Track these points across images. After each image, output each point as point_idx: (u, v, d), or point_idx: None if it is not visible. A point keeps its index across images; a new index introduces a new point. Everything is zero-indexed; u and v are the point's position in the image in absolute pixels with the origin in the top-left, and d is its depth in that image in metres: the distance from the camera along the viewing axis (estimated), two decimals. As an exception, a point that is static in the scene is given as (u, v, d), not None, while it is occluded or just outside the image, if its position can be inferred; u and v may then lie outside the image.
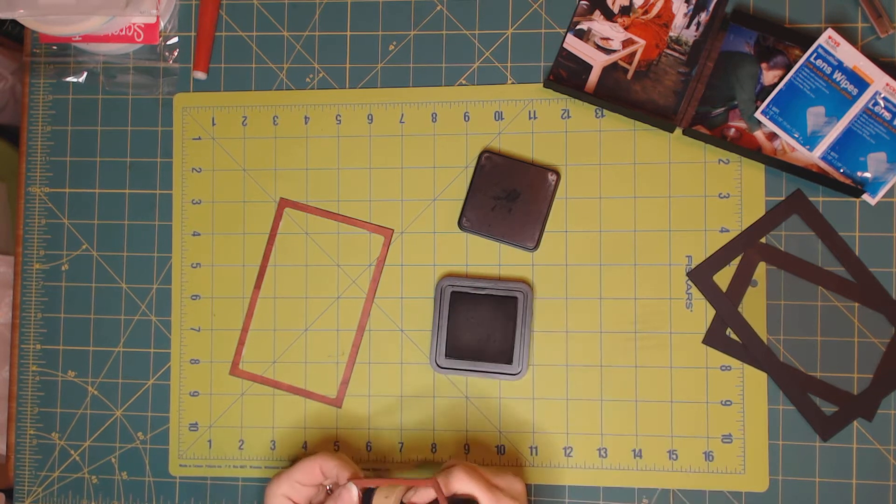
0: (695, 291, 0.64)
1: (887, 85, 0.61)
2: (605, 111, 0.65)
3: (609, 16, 0.65)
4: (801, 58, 0.62)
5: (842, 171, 0.62)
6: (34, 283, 0.70)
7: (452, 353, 0.64)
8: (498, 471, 0.58)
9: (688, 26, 0.64)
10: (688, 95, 0.64)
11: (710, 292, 0.64)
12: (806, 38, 0.62)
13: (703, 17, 0.64)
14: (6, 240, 0.90)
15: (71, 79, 0.70)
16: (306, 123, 0.68)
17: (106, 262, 0.69)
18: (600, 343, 0.64)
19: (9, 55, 0.97)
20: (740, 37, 0.63)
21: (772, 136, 0.63)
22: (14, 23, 1.01)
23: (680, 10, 0.64)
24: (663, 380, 0.64)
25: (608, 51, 0.65)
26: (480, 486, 0.54)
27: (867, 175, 0.62)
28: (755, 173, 0.64)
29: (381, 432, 0.66)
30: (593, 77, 0.65)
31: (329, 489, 0.58)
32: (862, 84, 0.61)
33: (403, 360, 0.66)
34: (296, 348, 0.67)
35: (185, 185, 0.69)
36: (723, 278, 0.64)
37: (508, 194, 0.64)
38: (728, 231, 0.64)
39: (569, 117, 0.66)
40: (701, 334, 0.64)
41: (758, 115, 0.63)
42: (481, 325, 0.64)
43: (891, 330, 0.62)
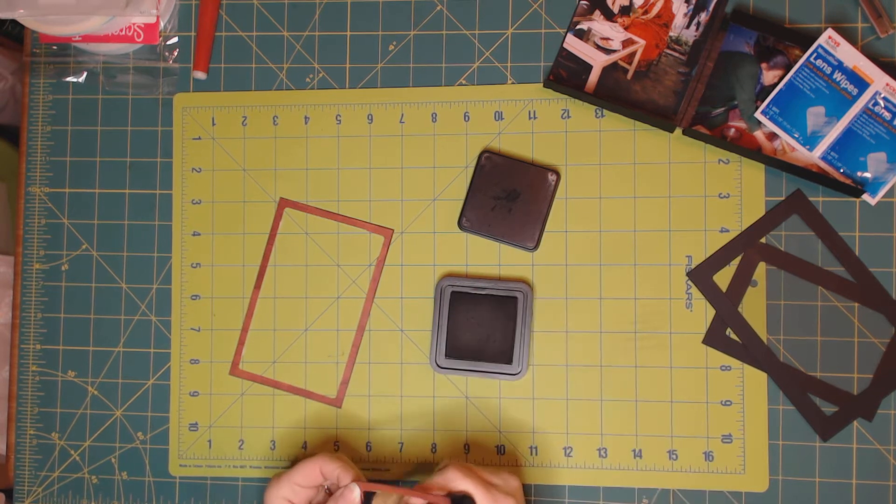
0: (695, 291, 0.64)
1: (887, 85, 0.61)
2: (605, 111, 0.65)
3: (609, 16, 0.65)
4: (801, 58, 0.62)
5: (842, 171, 0.62)
6: (34, 283, 0.69)
7: (452, 353, 0.64)
8: (494, 469, 0.58)
9: (688, 26, 0.64)
10: (688, 95, 0.64)
11: (710, 292, 0.64)
12: (806, 38, 0.62)
13: (703, 17, 0.64)
14: (6, 240, 0.90)
15: (71, 79, 0.70)
16: (306, 123, 0.68)
17: (106, 262, 0.69)
18: (600, 343, 0.64)
19: (9, 55, 0.97)
20: (740, 37, 0.63)
21: (772, 136, 0.63)
22: (14, 23, 1.01)
23: (680, 10, 0.64)
24: (663, 380, 0.64)
25: (608, 51, 0.65)
26: (476, 483, 0.54)
27: (867, 175, 0.62)
28: (755, 173, 0.64)
29: (381, 432, 0.66)
30: (593, 77, 0.65)
31: (328, 490, 0.58)
32: (862, 84, 0.61)
33: (403, 360, 0.66)
34: (296, 348, 0.67)
35: (185, 185, 0.69)
36: (723, 278, 0.64)
37: (508, 194, 0.64)
38: (728, 231, 0.64)
39: (569, 117, 0.66)
40: (701, 334, 0.64)
41: (758, 115, 0.63)
42: (481, 325, 0.64)
43: (891, 330, 0.62)
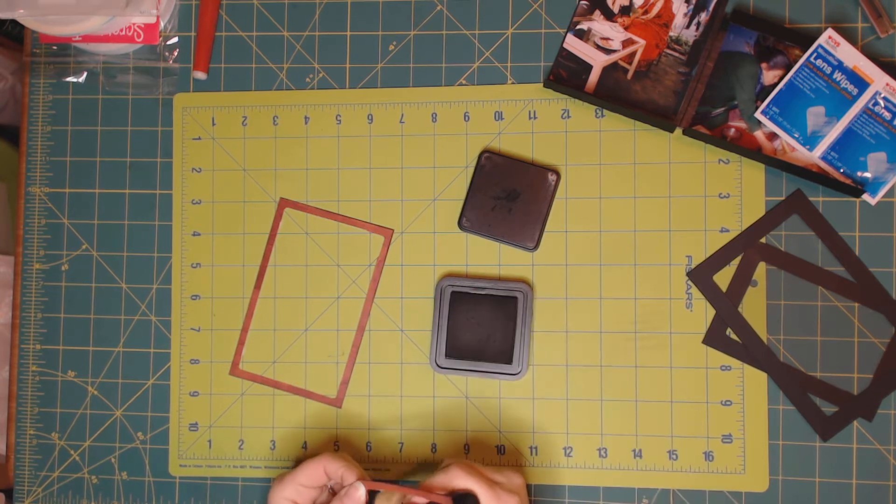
0: (695, 291, 0.64)
1: (887, 85, 0.61)
2: (605, 111, 0.65)
3: (609, 16, 0.65)
4: (801, 58, 0.62)
5: (842, 171, 0.62)
6: (34, 283, 0.69)
7: (452, 353, 0.64)
8: (497, 467, 0.58)
9: (688, 26, 0.64)
10: (688, 95, 0.64)
11: (710, 292, 0.64)
12: (806, 38, 0.62)
13: (703, 17, 0.64)
14: (6, 240, 0.90)
15: (71, 79, 0.70)
16: (306, 123, 0.68)
17: (106, 262, 0.69)
18: (600, 343, 0.64)
19: (9, 55, 0.97)
20: (740, 37, 0.63)
21: (772, 136, 0.63)
22: (14, 23, 1.01)
23: (680, 9, 0.64)
24: (663, 380, 0.64)
25: (608, 51, 0.65)
26: (479, 481, 0.54)
27: (867, 175, 0.62)
28: (755, 173, 0.64)
29: (381, 432, 0.66)
30: (593, 77, 0.65)
31: (331, 489, 0.58)
32: (862, 84, 0.61)
33: (403, 360, 0.66)
34: (296, 348, 0.67)
35: (185, 185, 0.69)
36: (723, 278, 0.64)
37: (508, 194, 0.64)
38: (728, 231, 0.64)
39: (569, 117, 0.66)
40: (701, 334, 0.64)
41: (758, 115, 0.63)
42: (481, 325, 0.64)
43: (891, 330, 0.62)
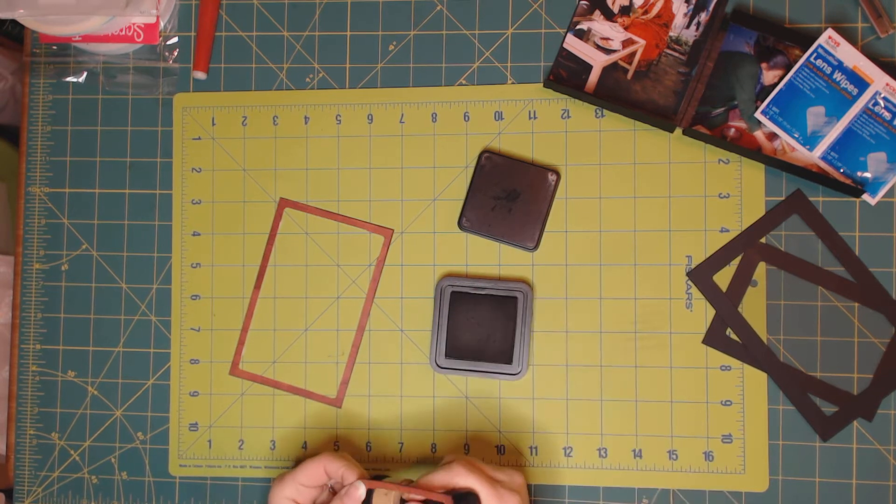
0: (695, 291, 0.64)
1: (887, 85, 0.61)
2: (605, 111, 0.65)
3: (609, 16, 0.65)
4: (801, 58, 0.62)
5: (842, 171, 0.62)
6: (34, 283, 0.69)
7: (452, 353, 0.64)
8: (498, 465, 0.58)
9: (688, 26, 0.64)
10: (688, 95, 0.64)
11: (710, 292, 0.64)
12: (806, 38, 0.62)
13: (703, 17, 0.64)
14: (6, 240, 0.90)
15: (71, 79, 0.70)
16: (306, 123, 0.68)
17: (106, 262, 0.69)
18: (600, 343, 0.64)
19: (9, 55, 0.97)
20: (740, 37, 0.63)
21: (772, 136, 0.63)
22: (14, 23, 1.01)
23: (680, 10, 0.64)
24: (663, 380, 0.64)
25: (608, 51, 0.65)
26: (481, 479, 0.54)
27: (867, 175, 0.62)
28: (755, 173, 0.64)
29: (381, 432, 0.66)
30: (593, 77, 0.65)
31: (332, 489, 0.58)
32: (862, 84, 0.61)
33: (403, 360, 0.66)
34: (296, 348, 0.67)
35: (185, 185, 0.69)
36: (723, 278, 0.64)
37: (508, 194, 0.64)
38: (728, 231, 0.64)
39: (569, 117, 0.66)
40: (701, 334, 0.64)
41: (758, 115, 0.63)
42: (481, 325, 0.64)
43: (891, 330, 0.62)
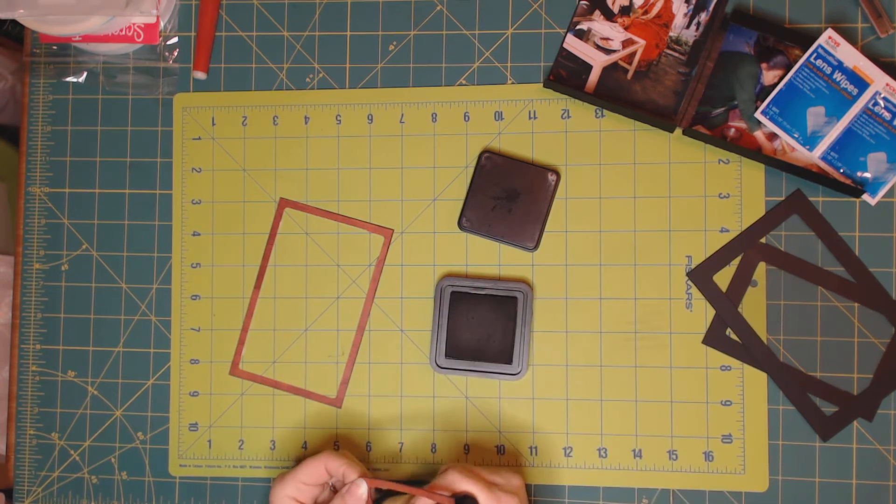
0: (695, 291, 0.64)
1: (887, 85, 0.61)
2: (605, 111, 0.65)
3: (609, 16, 0.65)
4: (801, 58, 0.62)
5: (842, 171, 0.62)
6: (34, 283, 0.69)
7: (452, 353, 0.64)
8: (495, 468, 0.58)
9: (688, 26, 0.64)
10: (688, 95, 0.64)
11: (710, 292, 0.64)
12: (806, 38, 0.62)
13: (703, 17, 0.64)
14: (6, 240, 0.90)
15: (71, 79, 0.70)
16: (306, 123, 0.68)
17: (106, 262, 0.69)
18: (600, 343, 0.64)
19: (9, 55, 0.97)
20: (740, 37, 0.63)
21: (772, 136, 0.63)
22: (14, 23, 1.01)
23: (680, 10, 0.64)
24: (663, 380, 0.64)
25: (608, 51, 0.65)
26: (477, 483, 0.54)
27: (867, 175, 0.62)
28: (755, 173, 0.64)
29: (381, 432, 0.66)
30: (593, 77, 0.65)
31: (333, 487, 0.58)
32: (862, 84, 0.61)
33: (403, 360, 0.66)
34: (296, 348, 0.67)
35: (185, 185, 0.69)
36: (723, 278, 0.64)
37: (508, 194, 0.64)
38: (728, 231, 0.64)
39: (569, 117, 0.66)
40: (701, 334, 0.64)
41: (758, 115, 0.63)
42: (481, 325, 0.64)
43: (891, 330, 0.62)
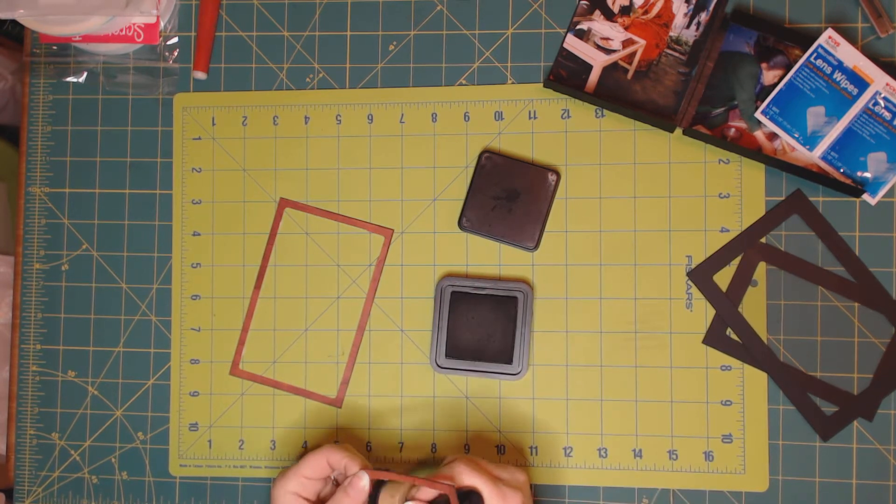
0: (695, 291, 0.64)
1: (887, 85, 0.61)
2: (605, 111, 0.65)
3: (609, 16, 0.65)
4: (801, 58, 0.62)
5: (842, 171, 0.62)
6: (34, 283, 0.69)
7: (452, 353, 0.64)
8: (500, 464, 0.58)
9: (688, 26, 0.64)
10: (688, 95, 0.64)
11: (710, 292, 0.64)
12: (806, 38, 0.62)
13: (703, 16, 0.64)
14: (6, 240, 0.90)
15: (71, 79, 0.70)
16: (306, 123, 0.68)
17: (106, 262, 0.69)
18: (600, 343, 0.64)
19: (9, 55, 0.97)
20: (740, 37, 0.63)
21: (772, 136, 0.63)
22: (14, 23, 1.01)
23: (680, 9, 0.64)
24: (663, 380, 0.64)
25: (608, 51, 0.65)
26: (483, 478, 0.54)
27: (867, 175, 0.62)
28: (755, 173, 0.64)
29: (381, 432, 0.66)
30: (593, 77, 0.65)
31: (335, 481, 0.58)
32: (862, 84, 0.61)
33: (403, 360, 0.66)
34: (296, 348, 0.67)
35: (185, 185, 0.69)
36: (723, 278, 0.64)
37: (508, 194, 0.64)
38: (728, 231, 0.64)
39: (569, 117, 0.66)
40: (701, 334, 0.64)
41: (758, 115, 0.63)
42: (481, 325, 0.64)
43: (891, 330, 0.62)
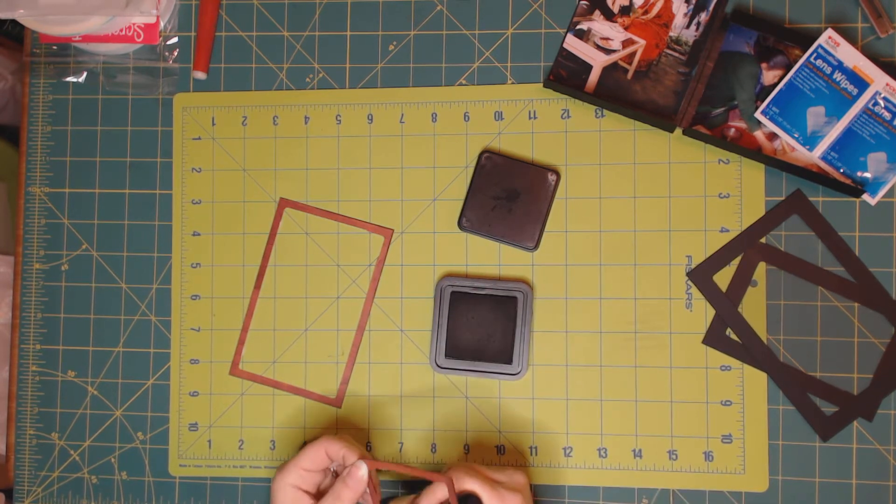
0: (695, 291, 0.64)
1: (887, 85, 0.61)
2: (605, 111, 0.65)
3: (609, 16, 0.65)
4: (801, 58, 0.62)
5: (842, 171, 0.62)
6: (34, 283, 0.69)
7: (452, 353, 0.64)
8: (499, 467, 0.58)
9: (688, 26, 0.64)
10: (688, 95, 0.64)
11: (710, 292, 0.64)
12: (806, 38, 0.62)
13: (703, 16, 0.64)
14: (6, 240, 0.90)
15: (71, 79, 0.70)
16: (306, 123, 0.68)
17: (106, 262, 0.69)
18: (600, 343, 0.64)
19: (9, 55, 0.97)
20: (740, 37, 0.63)
21: (772, 136, 0.63)
22: (14, 23, 1.01)
23: (680, 9, 0.64)
24: (663, 380, 0.64)
25: (608, 51, 0.65)
26: (481, 482, 0.54)
27: (867, 175, 0.62)
28: (755, 173, 0.64)
29: (381, 432, 0.66)
30: (593, 77, 0.65)
31: (335, 472, 0.58)
32: (862, 84, 0.61)
33: (403, 360, 0.66)
34: (296, 348, 0.67)
35: (185, 185, 0.69)
36: (723, 278, 0.64)
37: (508, 194, 0.64)
38: (728, 231, 0.64)
39: (569, 117, 0.66)
40: (701, 334, 0.64)
41: (758, 115, 0.63)
42: (481, 325, 0.64)
43: (891, 330, 0.62)
